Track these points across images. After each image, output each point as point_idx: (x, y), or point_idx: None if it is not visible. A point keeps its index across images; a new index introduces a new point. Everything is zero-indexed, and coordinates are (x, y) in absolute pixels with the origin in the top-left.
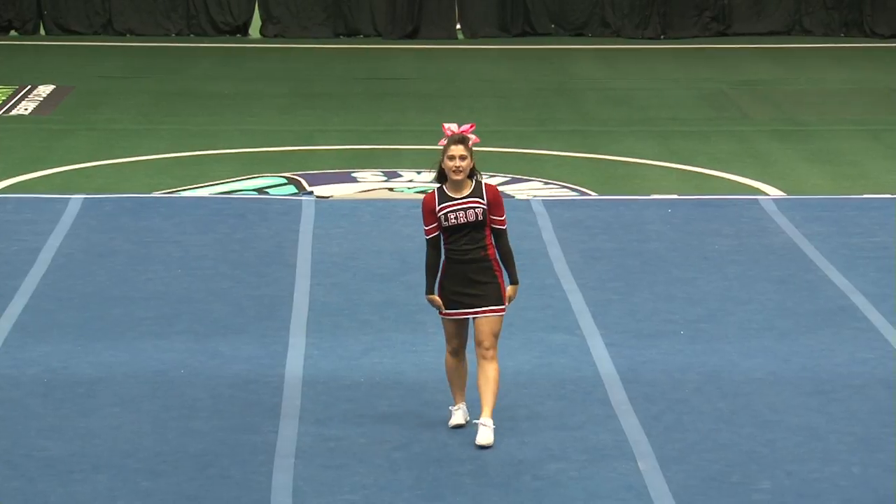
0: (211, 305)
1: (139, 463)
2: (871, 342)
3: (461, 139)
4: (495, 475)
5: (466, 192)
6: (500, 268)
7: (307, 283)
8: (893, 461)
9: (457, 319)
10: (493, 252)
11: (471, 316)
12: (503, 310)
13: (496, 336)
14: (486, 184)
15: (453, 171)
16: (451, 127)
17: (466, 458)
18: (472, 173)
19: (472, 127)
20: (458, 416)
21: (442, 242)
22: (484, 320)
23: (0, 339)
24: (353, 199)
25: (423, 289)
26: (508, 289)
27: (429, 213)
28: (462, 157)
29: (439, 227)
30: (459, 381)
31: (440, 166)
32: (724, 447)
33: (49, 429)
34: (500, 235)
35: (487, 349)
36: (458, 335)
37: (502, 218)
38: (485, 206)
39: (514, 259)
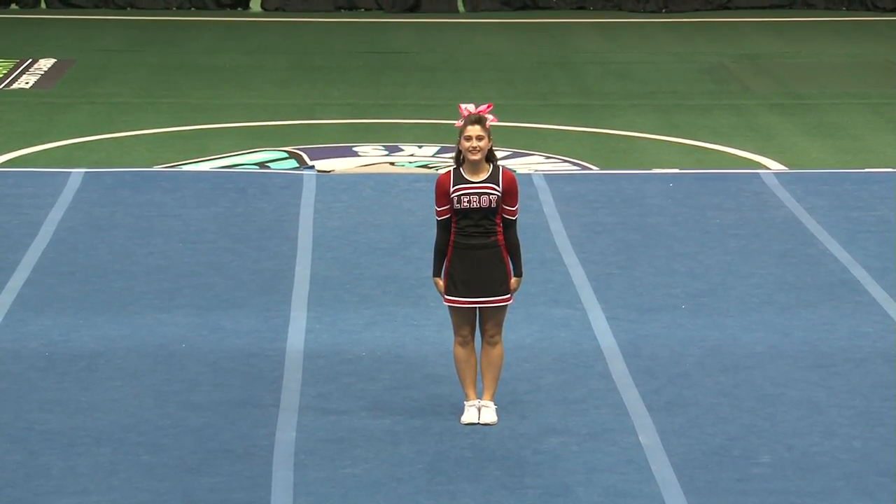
0: (212, 279)
1: (140, 436)
2: (872, 316)
3: (478, 119)
4: (496, 449)
5: (483, 176)
6: (505, 257)
7: (308, 257)
8: (894, 435)
9: (459, 307)
10: (503, 239)
11: (476, 306)
12: (509, 299)
13: (501, 325)
14: (504, 170)
15: (470, 152)
16: (468, 107)
17: (467, 433)
18: (490, 157)
19: (489, 107)
20: (472, 412)
21: (451, 225)
22: (490, 310)
23: (1, 312)
24: (354, 174)
25: (424, 263)
26: (512, 281)
27: (442, 194)
28: (479, 138)
29: (451, 209)
30: (471, 374)
31: (458, 147)
32: (725, 421)
33: (50, 402)
34: (510, 226)
35: (492, 336)
36: (467, 323)
37: (514, 208)
38: (499, 194)
39: (521, 251)
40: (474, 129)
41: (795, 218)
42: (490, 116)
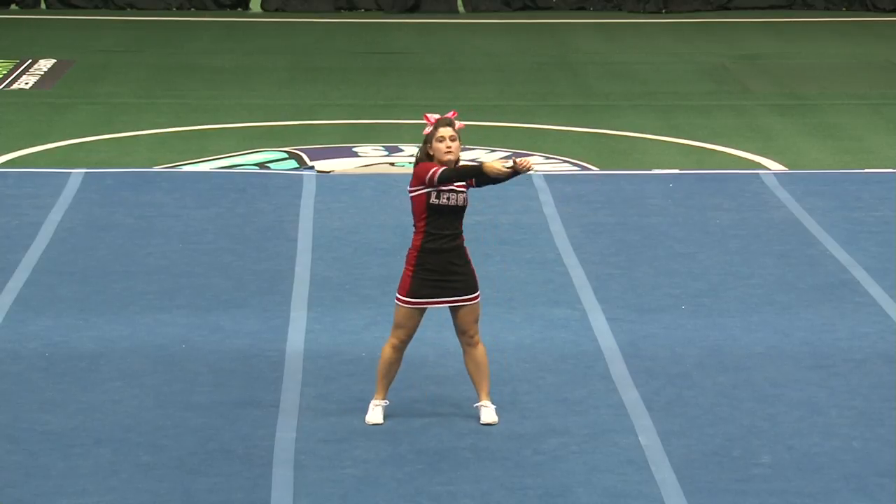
0: (212, 280)
1: (140, 437)
2: (872, 316)
3: (449, 122)
4: (496, 450)
5: None
6: (468, 255)
7: (308, 257)
8: (894, 435)
9: (419, 308)
10: (464, 240)
11: (447, 305)
12: (479, 296)
13: (477, 323)
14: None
15: (446, 152)
16: (434, 116)
17: (467, 433)
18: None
19: (454, 114)
20: (379, 413)
21: (419, 229)
22: (464, 310)
23: (1, 313)
24: (354, 174)
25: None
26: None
27: (424, 171)
28: (452, 139)
29: (426, 203)
30: (391, 376)
31: (426, 153)
32: (725, 421)
33: (50, 403)
34: (458, 170)
35: (472, 336)
36: (413, 326)
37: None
38: (466, 192)
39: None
40: (447, 131)
41: (795, 218)
42: (457, 123)
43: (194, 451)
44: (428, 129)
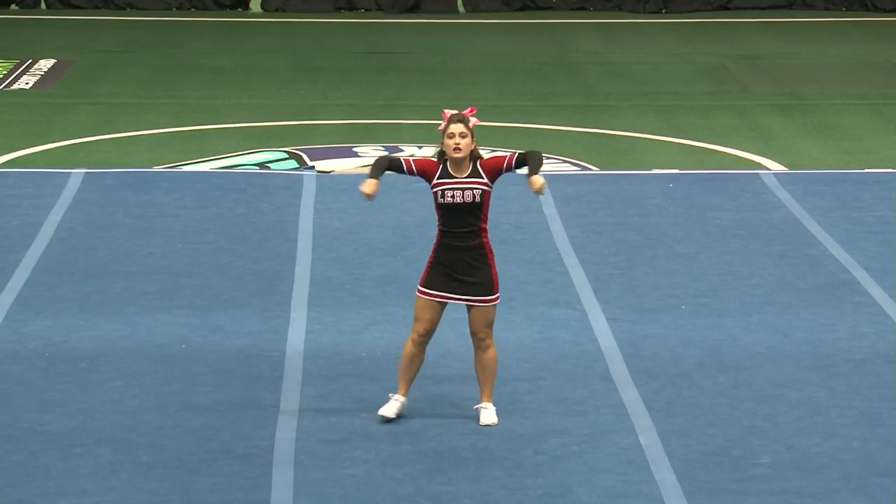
0: (212, 280)
1: (140, 437)
2: (872, 316)
3: (461, 118)
4: (496, 450)
5: (466, 172)
6: (492, 255)
7: (308, 257)
8: (894, 435)
9: (440, 301)
10: (487, 239)
11: (462, 303)
12: (497, 299)
13: (490, 325)
14: (481, 161)
15: (453, 150)
16: (452, 112)
17: (467, 433)
18: (473, 157)
19: (472, 111)
20: (394, 406)
21: (438, 226)
22: (478, 311)
23: (1, 313)
24: (354, 174)
25: (424, 263)
26: (533, 178)
27: (425, 165)
28: (462, 135)
29: (435, 203)
30: (412, 373)
31: (441, 149)
32: (725, 421)
33: (50, 403)
34: (521, 159)
35: (483, 339)
36: (431, 319)
37: (507, 156)
38: (484, 188)
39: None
40: (457, 127)
41: (795, 218)
42: (473, 119)
43: (194, 451)
44: (442, 126)
